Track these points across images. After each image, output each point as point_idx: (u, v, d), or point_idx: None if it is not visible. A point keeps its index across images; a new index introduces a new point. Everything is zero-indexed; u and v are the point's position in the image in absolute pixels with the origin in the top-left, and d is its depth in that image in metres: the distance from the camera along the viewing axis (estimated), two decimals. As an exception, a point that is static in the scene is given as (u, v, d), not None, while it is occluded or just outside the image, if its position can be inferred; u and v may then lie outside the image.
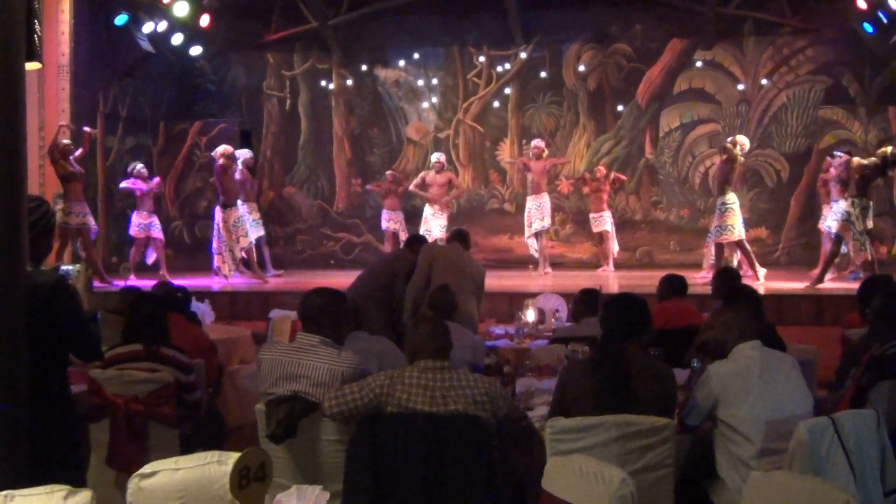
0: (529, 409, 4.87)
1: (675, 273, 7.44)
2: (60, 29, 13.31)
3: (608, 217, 14.68)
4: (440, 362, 4.13)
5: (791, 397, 4.17)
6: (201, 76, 17.26)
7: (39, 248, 3.75)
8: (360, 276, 7.83)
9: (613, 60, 16.63)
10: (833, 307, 10.25)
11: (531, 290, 11.04)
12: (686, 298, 7.20)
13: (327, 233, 17.21)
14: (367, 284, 7.54)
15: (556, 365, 5.74)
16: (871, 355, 4.65)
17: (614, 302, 4.62)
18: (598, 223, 14.68)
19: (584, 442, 3.98)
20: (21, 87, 3.54)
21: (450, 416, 3.96)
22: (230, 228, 12.87)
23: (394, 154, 17.11)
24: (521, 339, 7.53)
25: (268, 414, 4.35)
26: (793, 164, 15.89)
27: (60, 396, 3.82)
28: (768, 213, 15.76)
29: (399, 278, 7.55)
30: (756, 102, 16.15)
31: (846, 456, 3.73)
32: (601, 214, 14.64)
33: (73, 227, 12.27)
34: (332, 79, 17.31)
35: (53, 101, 13.33)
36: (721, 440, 4.22)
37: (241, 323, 9.68)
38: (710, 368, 4.30)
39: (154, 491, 3.11)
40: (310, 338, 4.46)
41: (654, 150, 16.48)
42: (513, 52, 16.81)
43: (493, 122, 17.05)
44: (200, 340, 6.31)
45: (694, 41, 16.32)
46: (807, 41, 15.95)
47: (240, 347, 7.97)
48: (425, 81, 17.21)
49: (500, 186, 16.96)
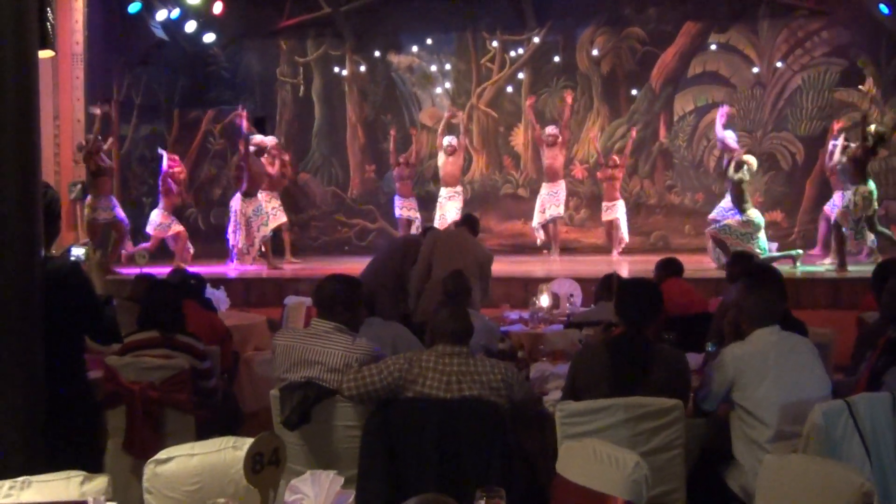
0: (544, 393, 4.88)
1: (670, 255, 7.64)
2: (74, 17, 13.33)
3: (621, 206, 14.60)
4: (459, 347, 4.14)
5: (808, 381, 4.16)
6: (215, 63, 17.27)
7: (48, 233, 3.77)
8: (371, 262, 7.84)
9: (627, 44, 16.55)
10: (850, 290, 10.20)
11: (546, 275, 11.04)
12: (683, 279, 7.32)
13: (342, 219, 17.22)
14: (379, 270, 7.54)
15: (571, 350, 5.74)
16: (886, 338, 4.63)
17: (629, 286, 4.62)
18: (610, 211, 14.62)
19: (594, 425, 3.99)
20: (35, 76, 3.55)
21: (464, 401, 3.97)
22: (250, 217, 12.89)
23: (408, 140, 17.10)
24: (536, 324, 7.53)
25: (282, 400, 4.37)
26: (808, 146, 15.79)
27: (77, 382, 3.85)
28: (783, 196, 15.68)
29: (409, 261, 7.55)
30: (771, 85, 16.05)
31: (861, 439, 3.72)
32: (614, 204, 14.55)
33: (101, 222, 12.30)
34: (345, 65, 17.30)
35: (68, 89, 13.36)
36: (737, 423, 4.21)
37: (257, 310, 9.70)
38: (725, 351, 4.29)
39: (170, 476, 3.13)
40: (324, 324, 4.47)
41: (668, 133, 16.41)
42: (526, 36, 16.74)
43: (506, 108, 17.01)
44: (216, 327, 6.34)
45: (708, 24, 16.23)
46: (822, 23, 15.82)
47: (255, 334, 8.00)
48: (438, 67, 17.17)
49: (515, 172, 16.94)
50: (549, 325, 7.50)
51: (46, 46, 3.90)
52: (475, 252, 7.81)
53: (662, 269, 7.26)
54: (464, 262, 7.25)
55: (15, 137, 3.43)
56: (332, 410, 4.32)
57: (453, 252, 7.50)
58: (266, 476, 2.67)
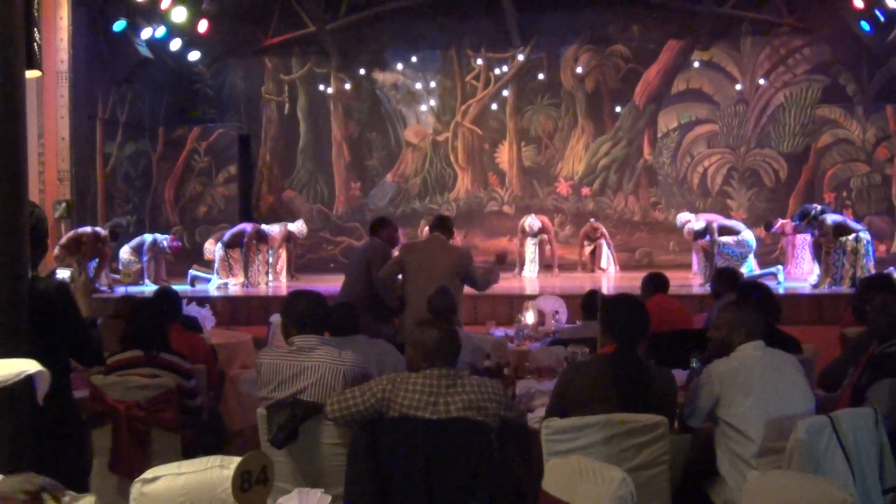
0: (530, 410, 4.88)
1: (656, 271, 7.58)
2: (59, 36, 13.32)
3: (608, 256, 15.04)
4: (446, 370, 4.12)
5: (792, 396, 4.17)
6: (200, 81, 17.30)
7: (35, 253, 3.76)
8: (344, 282, 7.74)
9: (611, 62, 16.67)
10: (833, 307, 10.27)
11: (530, 291, 11.06)
12: (669, 296, 7.31)
13: (327, 237, 17.22)
14: (353, 288, 7.47)
15: (557, 366, 5.74)
16: (870, 354, 4.66)
17: (617, 304, 4.61)
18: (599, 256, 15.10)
19: (579, 442, 3.99)
20: (21, 96, 3.55)
21: (451, 420, 3.96)
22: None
23: (392, 157, 17.14)
24: (522, 342, 7.51)
25: (269, 418, 4.36)
26: (791, 163, 15.92)
27: (63, 402, 3.83)
28: (767, 213, 15.77)
29: (374, 267, 7.43)
30: (754, 102, 16.18)
31: (845, 454, 3.73)
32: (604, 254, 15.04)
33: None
34: (330, 83, 17.34)
35: (52, 107, 13.34)
36: (722, 439, 4.22)
37: (242, 328, 9.68)
38: (710, 368, 4.30)
39: (157, 496, 3.12)
40: (307, 339, 4.47)
41: (652, 150, 16.49)
42: (510, 54, 16.84)
43: (491, 125, 17.07)
44: (198, 348, 6.31)
45: (691, 42, 16.36)
46: (804, 40, 15.98)
47: (241, 352, 7.97)
48: (423, 84, 17.23)
49: (500, 189, 16.98)
50: (534, 342, 7.49)
51: (33, 66, 3.91)
52: (450, 256, 7.27)
53: (650, 284, 7.25)
54: (441, 274, 6.95)
55: (2, 157, 3.43)
56: (320, 428, 4.32)
57: (425, 265, 7.12)
58: (254, 495, 2.67)
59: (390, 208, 16.94)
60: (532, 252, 14.72)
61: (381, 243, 7.64)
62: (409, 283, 7.10)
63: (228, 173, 16.46)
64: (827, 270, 11.42)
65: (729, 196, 16.31)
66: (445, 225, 7.49)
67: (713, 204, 16.04)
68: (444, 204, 16.87)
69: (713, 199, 16.31)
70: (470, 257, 7.45)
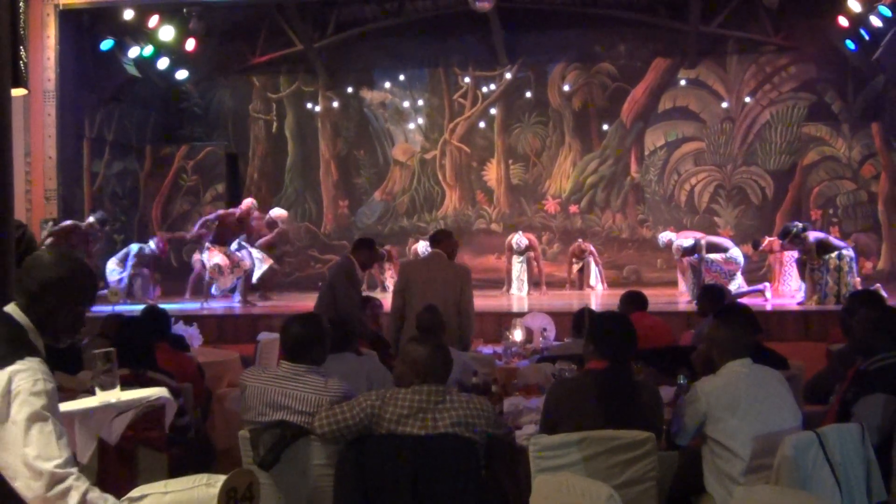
0: (518, 427, 4.87)
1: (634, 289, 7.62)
2: (46, 55, 13.28)
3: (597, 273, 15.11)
4: (436, 386, 4.11)
5: (779, 413, 4.18)
6: (187, 100, 17.30)
7: None
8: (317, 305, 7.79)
9: (598, 80, 16.75)
10: (820, 323, 10.29)
11: (518, 309, 11.07)
12: (647, 313, 7.31)
13: (315, 255, 17.21)
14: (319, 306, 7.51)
15: (545, 384, 5.74)
16: (856, 369, 4.67)
17: (607, 321, 4.61)
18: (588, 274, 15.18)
19: (567, 458, 3.99)
20: (8, 115, 3.56)
21: (439, 437, 3.96)
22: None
23: (381, 175, 17.15)
24: (509, 359, 7.51)
25: (254, 441, 4.32)
26: (777, 180, 16.00)
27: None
28: (753, 230, 15.83)
29: (339, 285, 7.47)
30: (740, 120, 16.26)
31: (832, 470, 3.74)
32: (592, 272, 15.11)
33: None
34: (318, 101, 17.38)
35: (39, 126, 13.29)
36: (709, 456, 4.22)
37: (230, 346, 9.65)
38: (698, 385, 4.30)
39: (143, 515, 3.10)
40: (295, 367, 4.42)
41: (639, 168, 16.55)
42: (498, 72, 16.92)
43: (479, 143, 17.12)
44: (185, 367, 6.28)
45: (677, 60, 16.46)
46: (789, 59, 16.09)
47: (228, 371, 7.94)
48: (411, 103, 17.28)
49: (487, 207, 17.01)
50: (522, 359, 7.49)
51: (20, 85, 3.91)
52: (451, 272, 7.37)
53: (628, 303, 7.25)
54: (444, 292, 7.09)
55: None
56: (306, 450, 4.29)
57: (428, 285, 7.22)
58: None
59: (378, 226, 16.97)
60: (519, 270, 14.74)
61: (349, 262, 7.72)
62: (411, 299, 7.14)
63: (216, 191, 16.47)
64: (813, 288, 11.44)
65: (716, 213, 16.38)
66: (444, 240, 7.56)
67: (700, 221, 16.10)
68: (433, 222, 16.89)
69: (700, 216, 16.36)
70: (469, 276, 7.53)
